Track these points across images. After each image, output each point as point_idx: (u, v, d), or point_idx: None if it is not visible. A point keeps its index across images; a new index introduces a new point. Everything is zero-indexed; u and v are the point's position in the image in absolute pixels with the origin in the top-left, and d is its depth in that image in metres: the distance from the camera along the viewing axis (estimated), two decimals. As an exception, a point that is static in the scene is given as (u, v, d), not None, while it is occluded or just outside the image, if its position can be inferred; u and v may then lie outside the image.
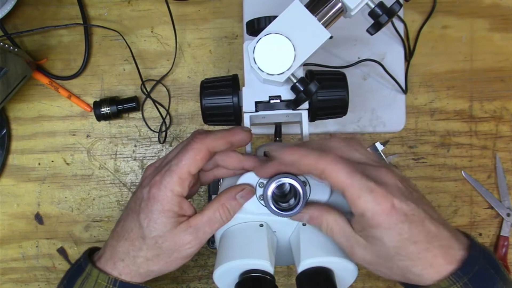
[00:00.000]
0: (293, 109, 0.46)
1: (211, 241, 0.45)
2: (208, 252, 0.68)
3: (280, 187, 0.41)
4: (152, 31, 0.67)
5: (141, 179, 0.44)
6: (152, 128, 0.68)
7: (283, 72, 0.42)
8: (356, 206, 0.36)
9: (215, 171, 0.45)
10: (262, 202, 0.42)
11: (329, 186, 0.42)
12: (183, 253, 0.41)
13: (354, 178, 0.36)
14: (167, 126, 0.67)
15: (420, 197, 0.38)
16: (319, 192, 0.42)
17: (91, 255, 0.44)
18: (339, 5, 0.42)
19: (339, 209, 0.41)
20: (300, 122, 0.47)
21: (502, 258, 0.67)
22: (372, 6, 0.42)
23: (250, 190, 0.42)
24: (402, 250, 0.36)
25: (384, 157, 0.67)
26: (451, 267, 0.36)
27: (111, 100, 0.65)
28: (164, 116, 0.67)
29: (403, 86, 0.66)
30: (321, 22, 0.42)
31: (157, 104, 0.67)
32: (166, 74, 0.67)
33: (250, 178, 0.42)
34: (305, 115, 0.47)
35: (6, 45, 0.60)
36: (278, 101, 0.46)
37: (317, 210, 0.40)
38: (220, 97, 0.47)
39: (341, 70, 0.52)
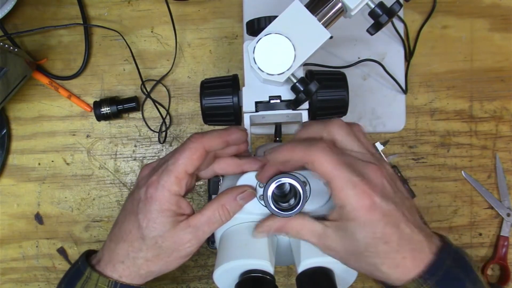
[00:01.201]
0: (293, 109, 0.46)
1: (211, 241, 0.45)
2: (208, 252, 0.68)
3: (280, 187, 0.41)
4: (152, 31, 0.67)
5: (137, 180, 0.43)
6: (152, 128, 0.68)
7: (283, 72, 0.42)
8: (338, 198, 0.36)
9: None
10: (262, 202, 0.42)
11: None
12: (183, 252, 0.41)
13: (340, 170, 0.36)
14: (167, 126, 0.67)
15: (404, 198, 0.38)
16: (318, 193, 0.42)
17: (88, 258, 0.44)
18: (339, 5, 0.42)
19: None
20: (300, 122, 0.47)
21: (502, 258, 0.66)
22: (372, 6, 0.42)
23: (251, 193, 0.42)
24: (372, 247, 0.37)
25: (385, 158, 0.66)
26: (418, 269, 0.37)
27: (111, 100, 0.65)
28: (164, 116, 0.67)
29: (403, 86, 0.66)
30: (321, 22, 0.42)
31: (157, 104, 0.67)
32: (166, 74, 0.67)
33: (250, 178, 0.42)
34: (305, 115, 0.47)
35: (6, 45, 0.60)
36: (278, 101, 0.46)
37: (280, 219, 0.40)
38: (220, 97, 0.47)
39: (341, 70, 0.52)
